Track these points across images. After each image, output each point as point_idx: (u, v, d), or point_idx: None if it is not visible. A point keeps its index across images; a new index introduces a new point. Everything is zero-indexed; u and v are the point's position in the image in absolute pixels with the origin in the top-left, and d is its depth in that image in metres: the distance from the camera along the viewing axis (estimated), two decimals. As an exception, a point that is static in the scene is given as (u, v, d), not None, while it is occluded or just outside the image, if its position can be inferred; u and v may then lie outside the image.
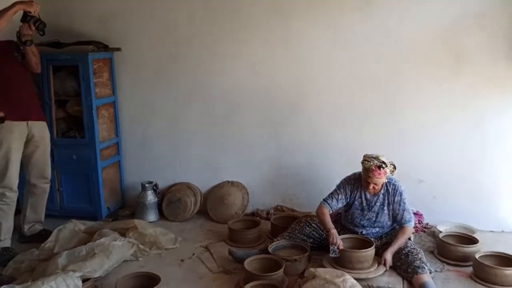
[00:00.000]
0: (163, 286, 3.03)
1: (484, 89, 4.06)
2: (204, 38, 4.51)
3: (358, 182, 3.60)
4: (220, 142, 4.67)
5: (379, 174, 3.37)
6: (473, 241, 3.65)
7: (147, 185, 4.57)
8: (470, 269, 3.36)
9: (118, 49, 4.61)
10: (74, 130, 4.50)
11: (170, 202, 4.58)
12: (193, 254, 3.76)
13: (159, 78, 4.67)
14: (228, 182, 4.68)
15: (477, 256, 3.30)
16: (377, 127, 4.33)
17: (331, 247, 3.31)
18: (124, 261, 3.55)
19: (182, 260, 3.65)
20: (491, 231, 4.18)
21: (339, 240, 3.35)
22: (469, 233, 3.84)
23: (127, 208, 4.80)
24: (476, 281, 3.21)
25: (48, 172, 4.03)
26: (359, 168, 3.61)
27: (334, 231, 3.43)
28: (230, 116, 4.60)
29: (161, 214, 4.62)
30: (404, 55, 4.16)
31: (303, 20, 4.28)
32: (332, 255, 3.30)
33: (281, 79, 4.43)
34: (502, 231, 4.19)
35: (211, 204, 4.61)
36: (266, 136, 4.56)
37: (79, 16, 4.70)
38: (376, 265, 3.31)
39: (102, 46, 4.50)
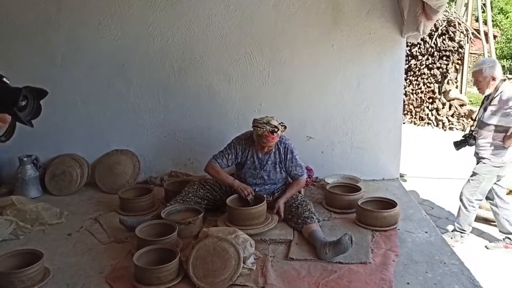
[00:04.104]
0: (47, 262, 2.84)
1: (363, 47, 4.28)
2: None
3: (249, 142, 3.62)
4: (105, 107, 4.43)
5: (273, 138, 3.42)
6: (357, 189, 3.89)
7: (25, 159, 4.20)
8: (354, 215, 3.58)
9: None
10: None
11: (53, 175, 4.28)
12: (81, 227, 3.56)
13: (30, 36, 4.25)
14: (117, 150, 4.48)
15: (359, 203, 3.52)
16: (270, 88, 4.38)
17: (249, 198, 3.45)
18: (2, 240, 3.25)
19: (69, 234, 3.44)
20: (373, 179, 4.52)
21: (248, 189, 3.48)
22: (353, 183, 4.10)
23: (5, 185, 4.39)
24: (359, 225, 3.43)
25: None
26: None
27: (237, 183, 3.51)
28: (114, 79, 4.36)
29: (45, 189, 4.30)
30: (293, 15, 4.21)
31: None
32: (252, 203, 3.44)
33: (173, 40, 4.27)
34: (383, 179, 4.55)
35: (100, 174, 4.38)
36: (155, 100, 4.41)
37: None
38: (269, 219, 3.38)
39: None
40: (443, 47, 9.56)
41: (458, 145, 4.31)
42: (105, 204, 4.02)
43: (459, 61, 9.76)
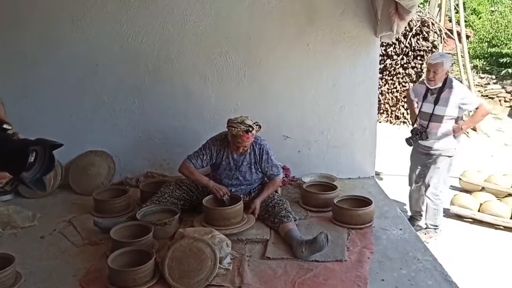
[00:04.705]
0: (19, 266, 2.78)
1: (338, 46, 4.30)
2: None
3: (224, 143, 3.59)
4: (78, 108, 4.35)
5: (248, 138, 3.39)
6: (333, 188, 3.91)
7: (-4, 161, 4.09)
8: (330, 213, 3.60)
9: None
10: None
11: (25, 177, 4.18)
12: (55, 229, 3.50)
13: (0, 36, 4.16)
14: (91, 151, 4.40)
15: (335, 201, 3.55)
16: (246, 87, 4.37)
17: (224, 198, 3.44)
18: (-27, 245, 3.18)
19: (42, 237, 3.38)
20: (349, 178, 4.56)
21: (223, 189, 3.47)
22: (329, 182, 4.13)
23: (-25, 189, 4.27)
24: (335, 224, 3.46)
25: None
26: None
27: (212, 184, 3.50)
28: (88, 79, 4.29)
29: (16, 192, 4.18)
30: (268, 14, 4.22)
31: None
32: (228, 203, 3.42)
33: (147, 39, 4.23)
34: (359, 177, 4.59)
35: (74, 176, 4.31)
36: (130, 100, 4.36)
37: None
38: (246, 219, 3.38)
39: None
40: (417, 47, 9.69)
41: (414, 141, 4.34)
42: (79, 206, 3.96)
43: (433, 61, 9.92)
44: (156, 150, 4.48)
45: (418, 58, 9.74)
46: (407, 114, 10.15)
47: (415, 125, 4.34)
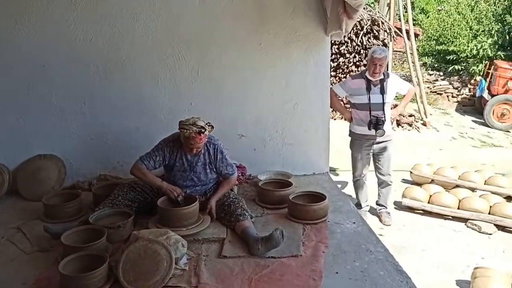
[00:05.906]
0: (-37, 278, 2.66)
1: (290, 45, 4.35)
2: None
3: (177, 144, 3.54)
4: (25, 111, 4.20)
5: (200, 139, 3.36)
6: (288, 185, 3.95)
7: None
8: (286, 210, 3.64)
9: None
10: None
11: (-30, 185, 4.01)
12: (2, 237, 3.35)
13: None
14: (40, 155, 4.25)
15: (290, 198, 3.59)
16: (200, 87, 4.35)
17: (179, 199, 3.41)
18: None
19: (-11, 246, 3.24)
20: (304, 174, 4.62)
21: (177, 190, 3.45)
22: (285, 179, 4.17)
23: None
24: (291, 220, 3.50)
25: None
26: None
27: (165, 185, 3.46)
28: (34, 81, 4.15)
29: (-39, 200, 4.01)
30: (220, 14, 4.21)
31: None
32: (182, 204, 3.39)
33: (96, 40, 4.13)
34: (313, 173, 4.67)
35: (22, 181, 4.15)
36: (80, 102, 4.24)
37: None
38: (201, 219, 3.36)
39: None
40: (368, 45, 9.94)
41: (383, 132, 4.45)
42: (28, 212, 3.80)
43: (384, 59, 10.19)
44: (109, 152, 4.38)
45: (370, 56, 9.99)
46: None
47: (370, 117, 4.44)
